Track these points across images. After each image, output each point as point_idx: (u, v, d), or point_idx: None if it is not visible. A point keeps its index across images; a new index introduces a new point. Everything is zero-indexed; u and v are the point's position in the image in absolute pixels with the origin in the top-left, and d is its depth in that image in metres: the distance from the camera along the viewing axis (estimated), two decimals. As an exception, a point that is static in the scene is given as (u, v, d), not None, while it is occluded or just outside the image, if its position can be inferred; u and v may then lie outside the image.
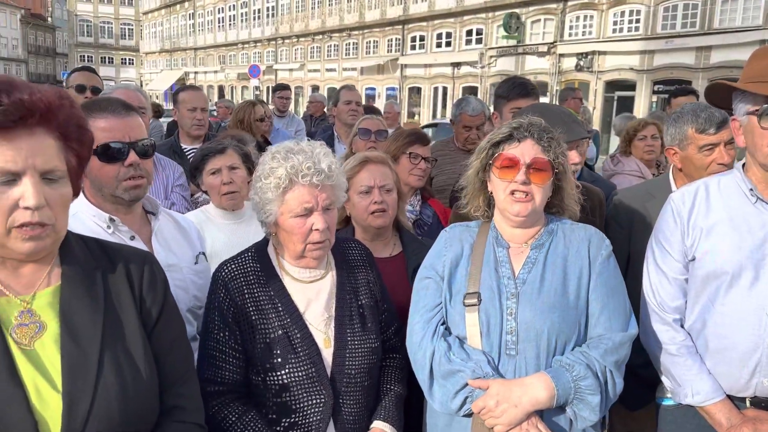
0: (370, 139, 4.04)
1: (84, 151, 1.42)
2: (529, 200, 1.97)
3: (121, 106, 2.08)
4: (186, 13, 54.51)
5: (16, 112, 1.26)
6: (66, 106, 1.36)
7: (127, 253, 1.58)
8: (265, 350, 1.95)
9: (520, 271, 2.01)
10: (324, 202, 1.97)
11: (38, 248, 1.34)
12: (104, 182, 2.04)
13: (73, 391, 1.33)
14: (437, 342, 1.95)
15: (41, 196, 1.29)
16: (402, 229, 2.77)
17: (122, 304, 1.48)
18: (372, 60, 35.43)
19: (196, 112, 4.39)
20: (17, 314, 1.38)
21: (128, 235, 2.10)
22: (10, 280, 1.39)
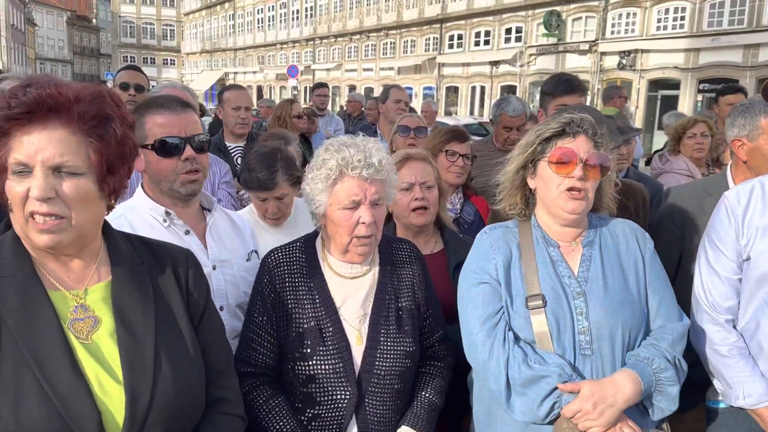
0: (409, 136, 4.04)
1: (109, 147, 1.39)
2: (584, 197, 1.94)
3: (177, 103, 2.13)
4: (226, 14, 55.29)
5: (25, 105, 1.30)
6: (85, 101, 1.36)
7: (171, 250, 1.62)
8: (296, 339, 1.98)
9: (579, 269, 1.99)
10: (372, 196, 1.97)
11: (55, 241, 1.35)
12: (162, 176, 2.09)
13: (135, 383, 1.38)
14: (511, 349, 1.88)
15: (47, 188, 1.30)
16: (443, 227, 2.76)
17: (171, 299, 1.53)
18: (409, 59, 35.38)
19: (240, 111, 4.45)
20: (72, 309, 1.42)
21: (183, 230, 2.14)
22: (62, 274, 1.43)
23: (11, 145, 1.31)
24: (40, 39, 70.31)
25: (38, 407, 1.28)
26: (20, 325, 1.33)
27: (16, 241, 1.42)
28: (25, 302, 1.36)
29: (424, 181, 2.63)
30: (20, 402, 1.28)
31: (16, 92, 1.31)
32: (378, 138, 5.15)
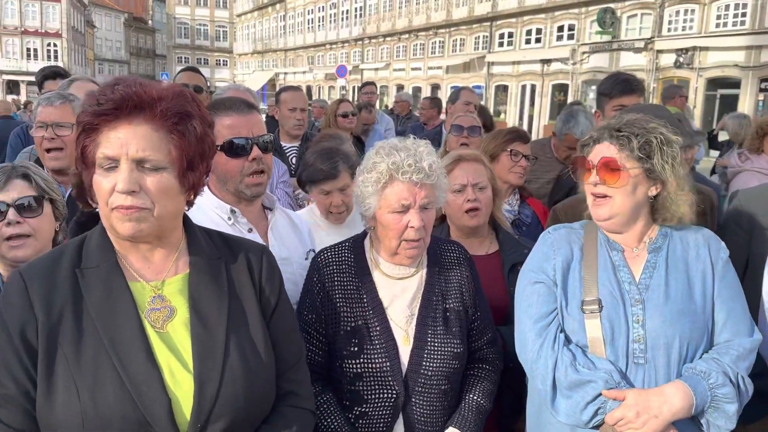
0: (462, 135, 4.02)
1: (189, 144, 1.45)
2: (607, 203, 1.92)
3: (243, 105, 2.19)
4: (277, 15, 56.07)
5: (113, 102, 1.37)
6: (168, 99, 1.42)
7: (246, 245, 1.67)
8: (344, 337, 2.01)
9: (641, 275, 1.94)
10: (422, 200, 1.98)
11: (137, 230, 1.40)
12: (229, 177, 2.16)
13: (203, 372, 1.42)
14: (560, 351, 1.88)
15: (132, 182, 1.37)
16: (498, 228, 2.75)
17: (244, 293, 1.57)
18: (458, 58, 35.17)
19: (296, 112, 4.51)
20: (150, 299, 1.48)
21: (246, 228, 2.21)
22: (142, 266, 1.50)
23: (99, 140, 1.39)
24: (98, 40, 72.75)
25: (113, 392, 1.34)
26: (101, 313, 1.40)
27: (103, 234, 1.50)
28: (107, 292, 1.43)
29: (477, 182, 2.62)
30: (98, 386, 1.35)
31: (105, 90, 1.39)
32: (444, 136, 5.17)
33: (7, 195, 2.04)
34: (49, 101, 3.08)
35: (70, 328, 1.39)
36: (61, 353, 1.37)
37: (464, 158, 2.68)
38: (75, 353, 1.37)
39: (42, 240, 2.09)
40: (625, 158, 1.89)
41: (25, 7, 54.75)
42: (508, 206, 3.25)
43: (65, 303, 1.40)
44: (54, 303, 1.40)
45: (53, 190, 2.16)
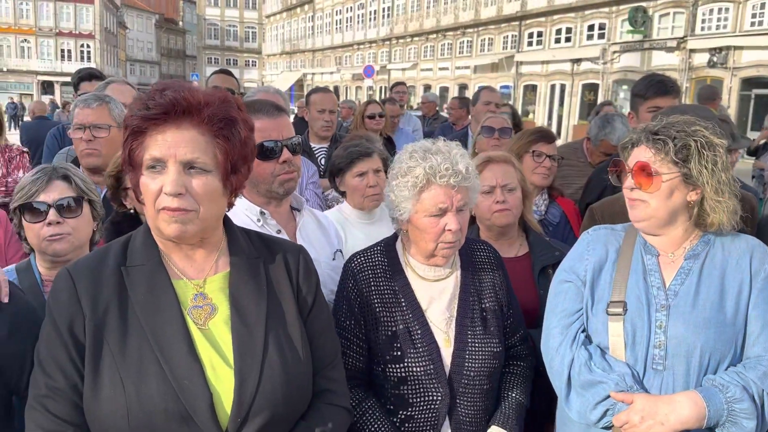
0: (493, 137, 4.00)
1: (234, 148, 1.49)
2: (642, 205, 1.90)
3: (273, 108, 2.22)
4: (306, 15, 56.38)
5: (162, 107, 1.41)
6: (214, 105, 1.46)
7: (284, 245, 1.71)
8: (386, 342, 2.02)
9: (672, 281, 1.91)
10: (458, 203, 1.99)
11: (182, 231, 1.44)
12: (261, 179, 2.18)
13: (243, 368, 1.45)
14: (577, 350, 1.91)
15: (179, 184, 1.40)
16: (529, 229, 2.74)
17: (282, 292, 1.60)
18: (486, 58, 34.99)
19: (324, 114, 4.54)
20: (192, 297, 1.52)
21: (275, 229, 2.23)
22: (184, 265, 1.54)
23: (147, 143, 1.43)
24: (130, 41, 73.94)
25: (157, 386, 1.38)
26: (145, 309, 1.45)
27: (147, 234, 1.54)
28: (150, 289, 1.47)
29: (506, 183, 2.62)
30: (142, 380, 1.39)
31: (154, 95, 1.43)
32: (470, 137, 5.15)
33: (48, 196, 2.10)
34: (86, 103, 3.14)
35: (115, 323, 1.43)
36: (107, 348, 1.42)
37: (493, 159, 2.68)
38: (120, 348, 1.41)
39: (80, 239, 2.15)
40: (661, 162, 1.85)
41: (60, 9, 55.91)
42: (535, 207, 3.22)
43: (111, 299, 1.45)
44: (100, 299, 1.45)
45: (92, 192, 2.22)
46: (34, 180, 2.11)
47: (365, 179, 2.92)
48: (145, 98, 1.44)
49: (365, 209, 2.98)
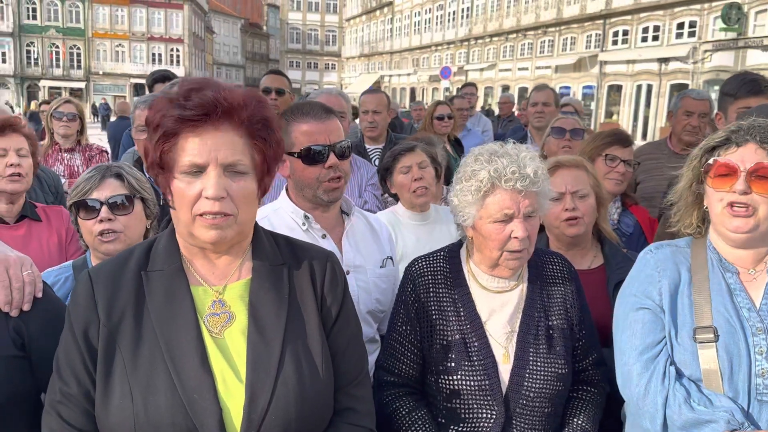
0: (564, 138, 3.79)
1: (270, 149, 1.45)
2: (751, 214, 1.67)
3: (321, 110, 2.16)
4: (385, 18, 56.80)
5: (201, 108, 1.34)
6: (251, 105, 1.40)
7: (312, 251, 1.61)
8: (440, 352, 1.93)
9: (762, 301, 1.70)
10: (526, 209, 1.87)
11: (221, 237, 1.38)
12: (306, 183, 2.14)
13: (255, 383, 1.37)
14: (671, 386, 1.68)
15: (221, 188, 1.35)
16: (604, 239, 2.55)
17: (305, 302, 1.51)
18: (568, 57, 34.08)
19: (368, 115, 4.47)
20: (210, 304, 1.45)
21: (320, 234, 2.18)
22: (206, 271, 1.48)
23: (182, 145, 1.36)
24: (217, 45, 76.74)
25: (165, 398, 1.33)
26: (161, 316, 1.39)
27: (171, 238, 1.49)
28: (168, 295, 1.42)
29: (576, 189, 2.45)
30: (150, 391, 1.33)
31: (189, 94, 1.35)
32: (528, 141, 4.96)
33: (101, 193, 2.13)
34: (147, 104, 3.18)
35: (129, 330, 1.38)
36: (119, 356, 1.37)
37: (563, 164, 2.51)
38: (132, 356, 1.37)
39: (132, 237, 2.16)
40: None
41: (152, 14, 58.68)
42: None
43: (127, 305, 1.41)
44: (116, 304, 1.41)
45: (145, 190, 2.23)
46: (88, 178, 2.15)
47: (410, 174, 2.87)
48: (176, 97, 1.36)
49: (416, 207, 2.91)
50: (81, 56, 56.23)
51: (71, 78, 55.38)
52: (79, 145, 4.85)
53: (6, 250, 1.65)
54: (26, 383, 1.57)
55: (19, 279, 1.59)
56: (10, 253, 1.64)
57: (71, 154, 4.79)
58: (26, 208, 2.82)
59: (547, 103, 5.00)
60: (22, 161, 2.72)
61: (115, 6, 56.75)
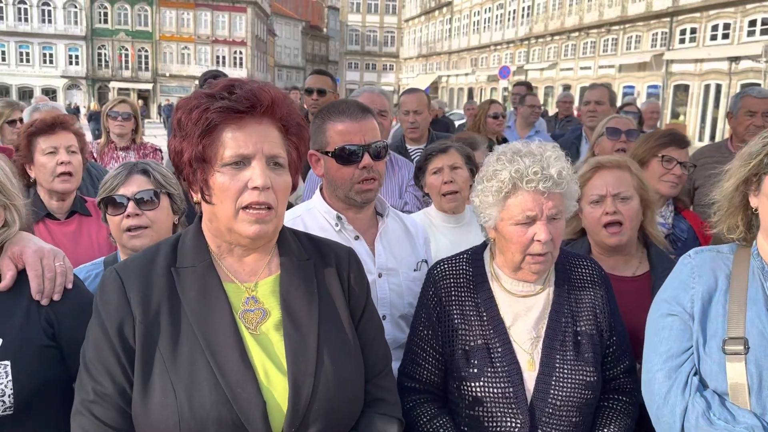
0: (619, 140, 3.65)
1: (302, 146, 1.50)
2: None
3: (358, 110, 2.14)
4: (443, 18, 56.57)
5: (247, 100, 1.37)
6: (288, 103, 1.45)
7: (333, 246, 1.64)
8: (462, 357, 1.88)
9: None
10: (549, 210, 1.80)
11: (262, 232, 1.40)
12: (339, 183, 2.12)
13: (297, 375, 1.39)
14: (691, 397, 1.61)
15: (267, 178, 1.37)
16: (651, 245, 2.41)
17: (334, 295, 1.54)
18: (633, 56, 33.09)
19: (409, 115, 4.41)
20: (243, 300, 1.46)
21: (353, 235, 2.16)
22: (236, 268, 1.49)
23: (223, 138, 1.37)
24: (278, 48, 78.21)
25: (209, 393, 1.33)
26: (197, 313, 1.40)
27: (197, 234, 1.50)
28: (202, 292, 1.42)
29: (618, 192, 2.33)
30: (194, 387, 1.34)
31: (231, 89, 1.38)
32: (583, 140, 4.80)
33: (128, 189, 2.17)
34: None
35: (166, 327, 1.39)
36: (158, 353, 1.37)
37: (604, 165, 2.39)
38: (171, 353, 1.37)
39: (159, 232, 2.19)
40: None
41: (216, 18, 60.27)
42: (661, 218, 2.87)
43: (161, 302, 1.41)
44: (151, 301, 1.41)
45: (171, 185, 2.26)
46: (115, 174, 2.20)
47: (441, 176, 2.81)
48: (218, 91, 1.38)
49: (446, 210, 2.85)
50: (149, 58, 58.29)
51: (139, 80, 57.48)
52: (134, 144, 4.99)
53: (40, 242, 1.70)
54: (57, 371, 1.61)
55: (52, 269, 1.64)
56: (44, 245, 1.69)
57: (126, 152, 4.93)
58: (76, 204, 2.91)
59: (600, 101, 4.84)
60: (72, 158, 2.81)
61: (182, 9, 58.58)
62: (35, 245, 1.67)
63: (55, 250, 1.70)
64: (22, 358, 1.54)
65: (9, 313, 1.58)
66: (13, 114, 4.64)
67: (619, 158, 2.48)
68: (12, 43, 54.70)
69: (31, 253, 1.63)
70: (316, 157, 2.15)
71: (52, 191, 2.82)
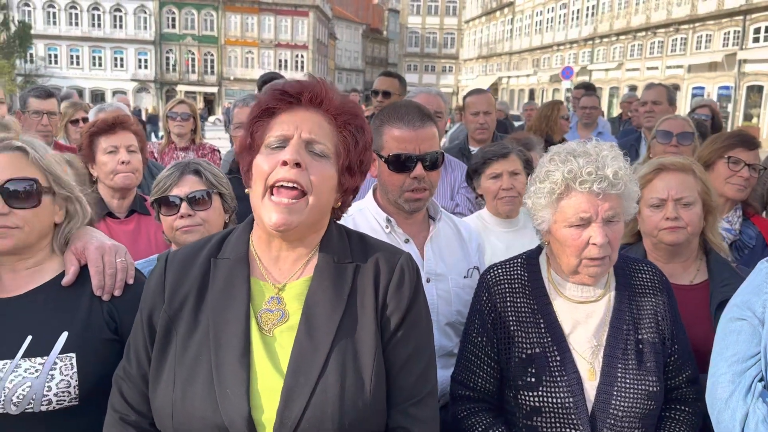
0: (670, 143, 3.47)
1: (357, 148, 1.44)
2: None
3: (417, 116, 2.09)
4: (505, 18, 55.99)
5: (296, 88, 1.41)
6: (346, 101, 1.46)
7: (384, 250, 1.49)
8: (519, 366, 1.82)
9: None
10: (605, 213, 1.72)
11: (288, 222, 1.33)
12: (390, 188, 2.11)
13: (293, 387, 1.30)
14: (753, 403, 1.55)
15: (298, 154, 1.34)
16: (710, 252, 2.30)
17: (364, 306, 1.40)
18: (703, 56, 31.88)
19: (479, 116, 4.34)
20: (267, 300, 1.41)
21: (402, 238, 2.13)
22: (272, 265, 1.44)
23: (272, 124, 1.40)
24: (339, 51, 79.08)
25: (201, 389, 1.31)
26: (217, 306, 1.38)
27: (246, 227, 1.49)
28: (227, 285, 1.40)
29: (681, 196, 2.21)
30: (190, 381, 1.33)
31: (292, 83, 1.44)
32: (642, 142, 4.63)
33: (181, 189, 2.20)
34: (245, 103, 3.27)
35: (187, 317, 1.39)
36: (174, 342, 1.38)
37: (667, 167, 2.27)
38: (183, 343, 1.37)
39: (211, 230, 2.21)
40: None
41: (279, 22, 61.48)
42: (727, 224, 2.73)
43: (190, 292, 1.41)
44: (180, 290, 1.41)
45: (222, 185, 2.29)
46: (168, 175, 2.23)
47: (499, 181, 2.72)
48: (281, 85, 1.44)
49: (501, 215, 2.78)
50: (214, 62, 60.00)
51: (205, 83, 59.23)
52: (194, 144, 5.10)
53: (103, 238, 1.74)
54: None
55: (112, 265, 1.67)
56: (106, 241, 1.73)
57: (186, 152, 5.04)
58: (136, 203, 2.97)
59: (657, 101, 4.65)
60: (132, 157, 2.88)
61: (246, 14, 60.04)
62: (97, 241, 1.70)
63: (117, 246, 1.73)
64: (87, 351, 1.58)
65: (74, 307, 1.63)
66: (77, 114, 4.81)
67: (683, 160, 2.34)
68: (86, 48, 57.32)
69: (93, 250, 1.67)
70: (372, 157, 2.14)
71: (113, 189, 2.90)
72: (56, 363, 1.55)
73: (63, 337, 1.58)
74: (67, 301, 1.63)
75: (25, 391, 1.51)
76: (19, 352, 1.55)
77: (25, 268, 1.65)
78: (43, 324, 1.59)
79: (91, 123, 3.06)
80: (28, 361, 1.54)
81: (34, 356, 1.55)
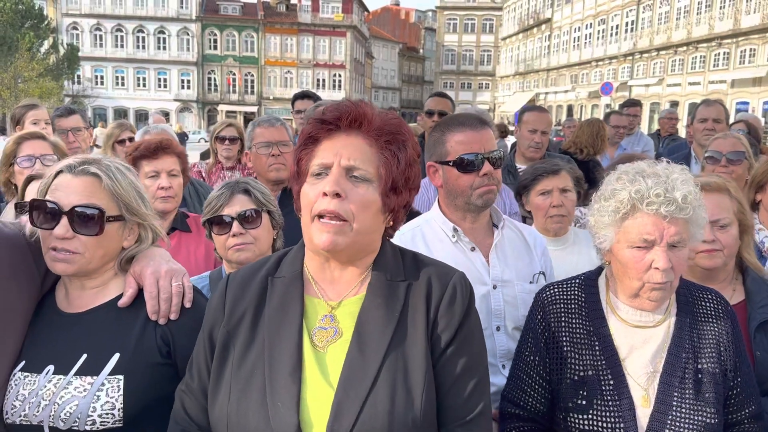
0: (719, 164, 3.39)
1: (398, 166, 1.43)
2: None
3: (477, 121, 2.20)
4: (542, 35, 55.67)
5: (335, 112, 1.43)
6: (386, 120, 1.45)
7: (437, 269, 1.50)
8: (570, 387, 1.80)
9: None
10: (671, 237, 1.68)
11: (333, 243, 1.37)
12: (459, 191, 2.16)
13: (343, 401, 1.32)
14: None
15: (338, 184, 1.36)
16: (746, 270, 2.25)
17: (416, 323, 1.41)
18: (747, 71, 31.10)
19: (536, 135, 4.32)
20: (321, 318, 1.45)
21: (469, 246, 2.18)
22: (327, 284, 1.48)
23: (316, 152, 1.43)
24: (375, 69, 79.72)
25: (255, 402, 1.35)
26: (272, 323, 1.43)
27: (301, 246, 1.53)
28: (282, 302, 1.45)
29: (717, 218, 2.16)
30: (245, 393, 1.37)
31: (330, 108, 1.46)
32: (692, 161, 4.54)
33: (232, 209, 2.26)
34: (270, 123, 3.38)
35: (244, 333, 1.44)
36: (231, 358, 1.42)
37: (702, 188, 2.22)
38: (240, 358, 1.42)
39: (261, 247, 2.27)
40: None
41: (317, 42, 62.42)
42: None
43: (248, 309, 1.46)
44: (238, 307, 1.47)
45: (270, 203, 2.35)
46: (219, 195, 2.29)
47: (549, 198, 2.73)
48: (322, 110, 1.47)
49: (549, 232, 2.77)
50: (254, 82, 61.13)
51: (245, 103, 60.31)
52: (239, 164, 5.22)
53: (161, 261, 1.75)
54: (171, 388, 1.61)
55: (167, 291, 1.68)
56: (164, 264, 1.73)
57: (232, 172, 5.16)
58: (177, 221, 3.01)
59: (718, 119, 4.51)
60: (172, 182, 2.92)
61: (285, 35, 61.13)
62: (155, 265, 1.71)
63: (174, 270, 1.72)
64: (135, 375, 1.60)
65: (127, 330, 1.65)
66: (123, 134, 4.97)
67: (718, 180, 2.29)
68: (131, 69, 59.07)
69: (149, 275, 1.68)
70: (434, 168, 2.21)
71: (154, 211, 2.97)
72: (104, 384, 1.58)
73: (114, 359, 1.61)
74: (123, 322, 1.66)
75: (72, 410, 1.55)
76: (72, 369, 1.60)
77: (91, 287, 1.70)
78: (98, 344, 1.63)
79: (134, 146, 3.07)
80: (79, 380, 1.58)
81: (85, 375, 1.59)
